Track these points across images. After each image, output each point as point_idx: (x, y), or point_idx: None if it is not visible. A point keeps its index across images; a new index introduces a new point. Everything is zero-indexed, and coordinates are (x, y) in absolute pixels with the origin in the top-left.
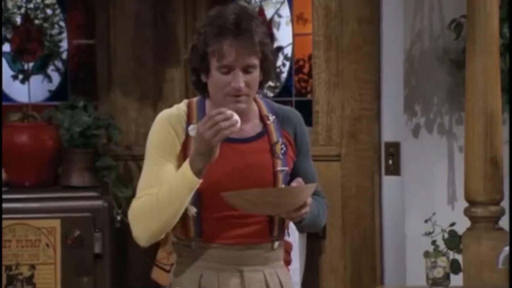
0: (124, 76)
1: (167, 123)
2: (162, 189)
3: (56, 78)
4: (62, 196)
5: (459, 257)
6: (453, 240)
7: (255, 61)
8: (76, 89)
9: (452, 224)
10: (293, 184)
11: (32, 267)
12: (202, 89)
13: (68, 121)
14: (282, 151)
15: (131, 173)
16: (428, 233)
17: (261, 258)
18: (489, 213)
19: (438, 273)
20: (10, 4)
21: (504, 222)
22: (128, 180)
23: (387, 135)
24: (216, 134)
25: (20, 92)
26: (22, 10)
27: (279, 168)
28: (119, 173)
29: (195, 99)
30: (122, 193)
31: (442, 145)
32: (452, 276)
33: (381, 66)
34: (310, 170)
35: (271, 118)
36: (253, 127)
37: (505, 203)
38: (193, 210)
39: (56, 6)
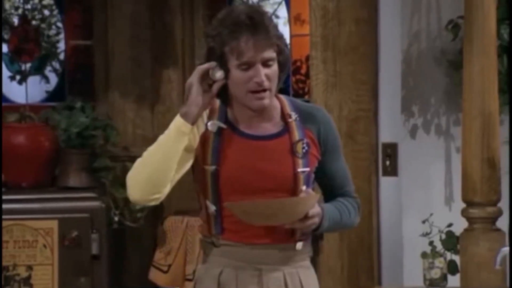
0: (122, 77)
1: None
2: (152, 146)
3: (53, 79)
4: (59, 197)
5: (456, 258)
6: (451, 241)
7: (273, 54)
8: (74, 90)
9: (450, 225)
10: (302, 194)
11: (30, 268)
12: (221, 94)
13: (65, 122)
14: (304, 150)
15: None
16: (426, 234)
17: (282, 258)
18: (486, 214)
19: (436, 274)
20: (7, 5)
21: (501, 223)
22: (126, 181)
23: (385, 136)
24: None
25: (18, 93)
26: (20, 11)
27: (299, 169)
28: (116, 174)
29: (218, 100)
30: (119, 194)
31: (439, 146)
32: (449, 277)
33: (378, 67)
34: (339, 170)
35: (293, 116)
36: (275, 124)
37: (504, 204)
38: (212, 208)
39: (54, 7)
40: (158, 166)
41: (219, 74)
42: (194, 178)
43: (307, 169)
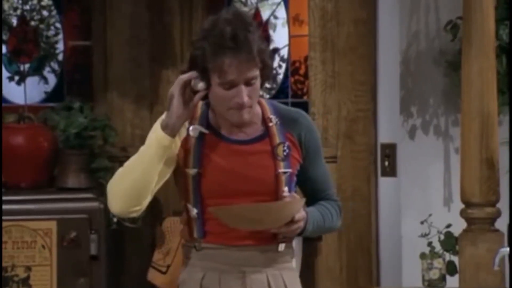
0: (120, 77)
1: None
2: (133, 157)
3: (52, 80)
4: (58, 197)
5: (455, 258)
6: (449, 242)
7: (256, 72)
8: (72, 90)
9: (448, 226)
10: (287, 198)
11: (28, 268)
12: (203, 98)
13: (64, 123)
14: (285, 153)
15: None
16: (424, 235)
17: (265, 260)
18: (485, 214)
19: (434, 274)
20: (6, 6)
21: (500, 224)
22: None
23: (383, 137)
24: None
25: (16, 93)
26: (18, 12)
27: (281, 170)
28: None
29: (200, 101)
30: None
31: (438, 147)
32: (448, 277)
33: (377, 67)
34: (320, 174)
35: (274, 120)
36: (255, 129)
37: (502, 205)
38: (194, 211)
39: (52, 8)
40: (138, 180)
41: (200, 84)
42: (175, 181)
43: (289, 170)
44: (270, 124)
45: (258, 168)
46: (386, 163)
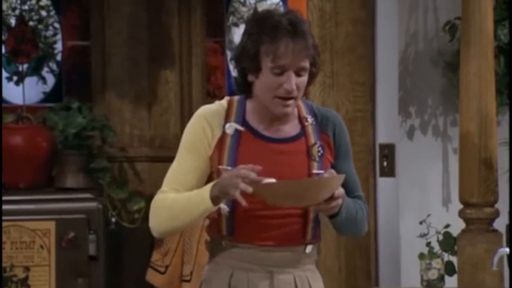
0: (119, 77)
1: (203, 119)
2: (182, 198)
3: (50, 80)
4: (56, 198)
5: (453, 258)
6: (448, 242)
7: (308, 64)
8: (71, 90)
9: (447, 226)
10: (325, 175)
11: (27, 269)
12: (245, 90)
13: (62, 123)
14: (319, 154)
15: (126, 175)
16: (423, 235)
17: (292, 261)
18: (483, 214)
19: (433, 274)
20: (4, 6)
21: (498, 224)
22: (123, 182)
23: (382, 137)
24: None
25: (15, 93)
26: (17, 12)
27: (314, 171)
28: (113, 174)
29: (236, 98)
30: (116, 195)
31: (436, 147)
32: (446, 277)
33: (375, 68)
34: (350, 175)
35: (310, 120)
36: (292, 128)
37: (501, 205)
38: (225, 209)
39: (51, 8)
40: (182, 227)
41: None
42: (208, 179)
43: (322, 171)
44: (306, 123)
45: (292, 168)
46: (385, 164)
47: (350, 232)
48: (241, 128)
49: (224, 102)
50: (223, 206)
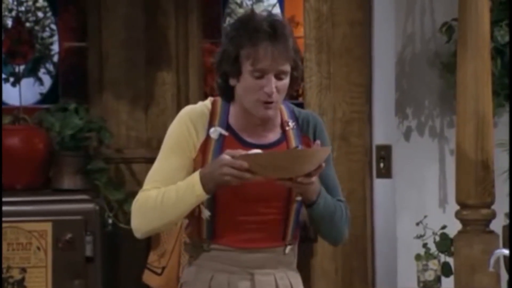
0: (116, 79)
1: (188, 119)
2: (169, 193)
3: (47, 81)
4: (53, 199)
5: (450, 260)
6: (444, 243)
7: (288, 68)
8: (67, 92)
9: (443, 227)
10: (314, 147)
11: (23, 270)
12: (227, 94)
13: (59, 124)
14: None
15: (123, 176)
16: (420, 236)
17: (273, 262)
18: (480, 216)
19: (429, 276)
20: None
21: (495, 225)
22: (120, 183)
23: (379, 138)
24: (234, 181)
25: (11, 95)
26: (13, 13)
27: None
28: (110, 176)
29: (220, 98)
30: (113, 196)
31: (433, 148)
32: (443, 279)
33: (372, 69)
34: (330, 179)
35: (291, 124)
36: (274, 133)
37: (499, 206)
38: (207, 213)
39: (47, 9)
40: (171, 223)
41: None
42: None
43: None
44: (287, 128)
45: None
46: (382, 165)
47: (328, 233)
48: (226, 133)
49: (208, 103)
50: (204, 210)
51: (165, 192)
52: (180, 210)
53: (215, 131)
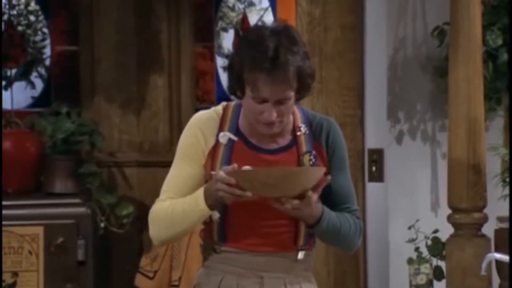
0: (108, 82)
1: (196, 126)
2: (178, 206)
3: (39, 85)
4: (45, 203)
5: (442, 263)
6: (436, 247)
7: (290, 94)
8: (59, 95)
9: (435, 231)
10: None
11: (15, 274)
12: (237, 95)
13: (51, 128)
14: (311, 163)
15: (115, 179)
16: (412, 240)
17: (284, 266)
18: (472, 219)
19: (421, 279)
20: None
21: (486, 229)
22: (112, 187)
23: (371, 142)
24: (224, 197)
25: (3, 98)
26: (5, 17)
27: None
28: (102, 179)
29: (232, 103)
30: (105, 200)
31: (425, 152)
32: (435, 282)
33: (364, 73)
34: (344, 185)
35: (303, 129)
36: (285, 138)
37: (490, 210)
38: (216, 216)
39: (40, 13)
40: (181, 234)
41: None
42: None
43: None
44: (298, 133)
45: None
46: (373, 168)
47: (336, 246)
48: (235, 138)
49: (219, 108)
50: (214, 213)
51: (175, 204)
52: (188, 222)
53: (224, 136)
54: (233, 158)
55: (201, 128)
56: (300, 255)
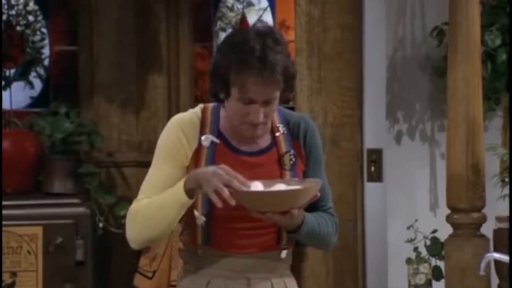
0: (107, 82)
1: (178, 128)
2: (157, 200)
3: (38, 85)
4: (44, 203)
5: (441, 263)
6: (435, 247)
7: (277, 93)
8: (58, 95)
9: (434, 231)
10: (305, 184)
11: (14, 274)
12: (219, 99)
13: (50, 128)
14: (291, 162)
15: (114, 180)
16: (410, 240)
17: (269, 267)
18: (471, 219)
19: (420, 279)
20: None
21: (485, 229)
22: (111, 187)
23: (370, 142)
24: (221, 188)
25: (2, 98)
26: (4, 17)
27: (287, 178)
28: (101, 180)
29: (210, 105)
30: (104, 200)
31: (424, 152)
32: (434, 282)
33: (363, 73)
34: (320, 183)
35: (282, 129)
36: (264, 139)
37: (489, 210)
38: (202, 220)
39: (38, 13)
40: (161, 231)
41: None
42: None
43: (295, 179)
44: (277, 134)
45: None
46: (372, 169)
47: (314, 247)
48: (217, 141)
49: (198, 111)
50: (200, 217)
51: (154, 201)
52: (168, 217)
53: (207, 139)
54: (216, 161)
55: (184, 130)
56: (283, 254)
